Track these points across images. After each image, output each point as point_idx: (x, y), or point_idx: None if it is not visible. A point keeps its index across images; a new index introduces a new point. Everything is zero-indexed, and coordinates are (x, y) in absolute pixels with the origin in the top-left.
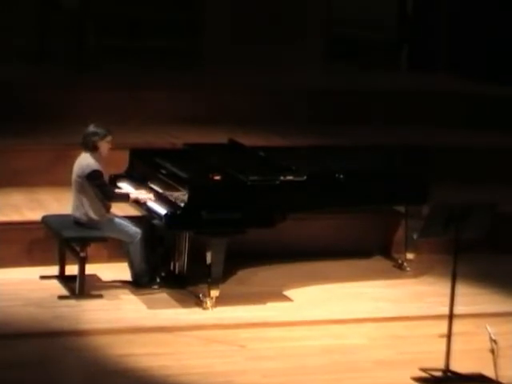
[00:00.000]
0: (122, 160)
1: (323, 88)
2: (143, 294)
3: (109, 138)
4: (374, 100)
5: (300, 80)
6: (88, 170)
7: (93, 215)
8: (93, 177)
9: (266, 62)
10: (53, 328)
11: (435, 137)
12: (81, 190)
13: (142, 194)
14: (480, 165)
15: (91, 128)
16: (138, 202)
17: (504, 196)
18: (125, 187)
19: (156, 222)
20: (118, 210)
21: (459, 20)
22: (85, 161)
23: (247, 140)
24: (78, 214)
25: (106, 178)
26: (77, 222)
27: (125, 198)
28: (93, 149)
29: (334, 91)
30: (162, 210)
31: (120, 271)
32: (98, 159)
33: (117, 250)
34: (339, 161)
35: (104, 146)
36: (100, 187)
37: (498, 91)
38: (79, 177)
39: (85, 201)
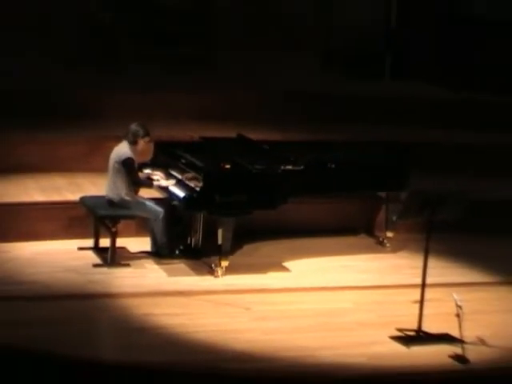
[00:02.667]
0: (149, 151)
1: (318, 92)
2: (164, 264)
3: (147, 139)
4: (361, 103)
5: (298, 85)
6: (123, 157)
7: (124, 196)
8: (126, 163)
9: (270, 71)
10: (88, 291)
11: (412, 134)
12: (116, 174)
13: (163, 181)
14: (448, 158)
15: (135, 126)
16: (161, 187)
17: (470, 185)
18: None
19: (176, 203)
20: (145, 192)
21: (434, 36)
22: (122, 149)
23: (253, 135)
24: (111, 195)
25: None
26: (110, 202)
27: (148, 184)
28: (133, 143)
29: (327, 95)
30: (181, 193)
31: (145, 244)
32: (133, 151)
33: (143, 226)
34: (331, 153)
35: (141, 144)
36: (130, 173)
37: (462, 97)
38: (116, 162)
39: (118, 183)
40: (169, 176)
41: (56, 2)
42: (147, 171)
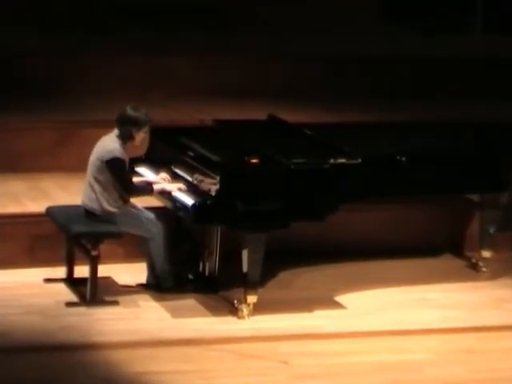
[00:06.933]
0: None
1: (377, 55)
2: (167, 300)
3: (147, 129)
4: (439, 69)
5: (349, 46)
6: (109, 156)
7: (107, 206)
8: (112, 165)
9: (308, 24)
10: (59, 341)
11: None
12: (97, 176)
13: (168, 185)
14: None
15: (130, 112)
16: (163, 193)
17: None
18: (144, 173)
19: (182, 214)
20: (138, 200)
21: None
22: (109, 144)
23: (286, 115)
24: (89, 204)
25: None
26: (88, 214)
27: (147, 191)
28: (127, 139)
29: (390, 59)
30: (188, 199)
31: (139, 273)
32: (126, 147)
33: (135, 247)
34: (399, 141)
35: (140, 136)
36: (119, 178)
37: None
38: (99, 160)
39: (99, 189)
40: (175, 177)
41: None
42: (142, 170)
